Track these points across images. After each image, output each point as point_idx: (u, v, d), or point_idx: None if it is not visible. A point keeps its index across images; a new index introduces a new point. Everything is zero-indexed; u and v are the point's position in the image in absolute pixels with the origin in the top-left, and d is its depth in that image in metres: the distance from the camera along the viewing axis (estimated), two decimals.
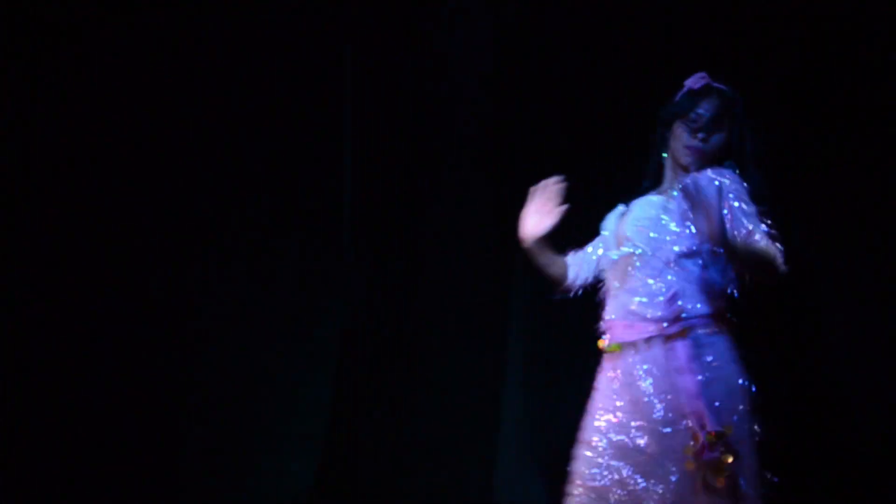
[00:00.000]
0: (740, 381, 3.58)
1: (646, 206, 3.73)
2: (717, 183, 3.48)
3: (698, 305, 3.57)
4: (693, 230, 3.55)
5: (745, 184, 3.62)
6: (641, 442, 3.58)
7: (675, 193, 3.68)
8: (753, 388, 3.62)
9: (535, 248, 3.93)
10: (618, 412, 3.64)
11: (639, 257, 3.66)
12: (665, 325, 3.58)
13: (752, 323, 4.98)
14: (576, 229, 4.38)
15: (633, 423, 3.60)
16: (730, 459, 3.46)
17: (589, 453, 3.72)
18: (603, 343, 3.77)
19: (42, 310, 5.34)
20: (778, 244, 3.54)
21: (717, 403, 3.51)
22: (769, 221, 3.62)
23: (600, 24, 5.36)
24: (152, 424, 5.47)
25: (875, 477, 4.94)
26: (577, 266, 3.96)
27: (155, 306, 5.51)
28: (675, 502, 3.51)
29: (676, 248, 3.61)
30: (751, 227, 3.53)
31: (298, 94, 5.62)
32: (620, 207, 3.86)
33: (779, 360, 5.03)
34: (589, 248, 3.96)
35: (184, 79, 5.54)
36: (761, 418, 3.64)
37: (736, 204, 3.55)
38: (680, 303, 3.57)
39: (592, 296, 5.52)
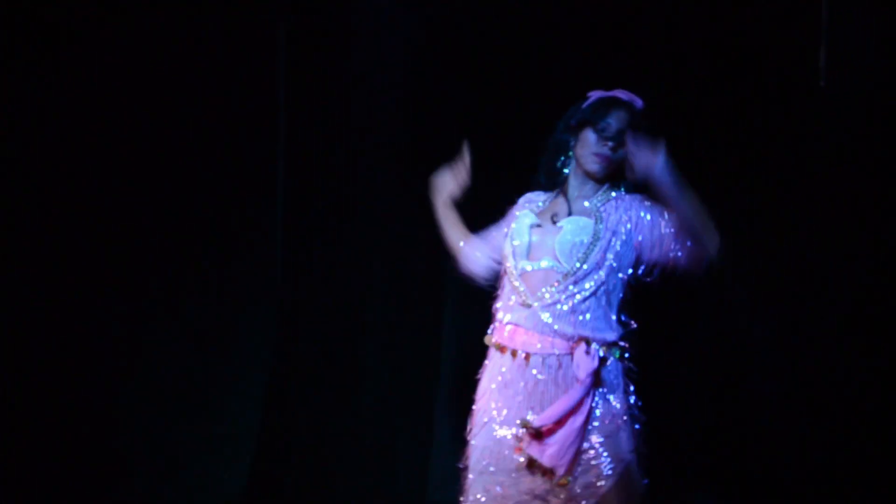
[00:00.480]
0: (622, 405, 3.68)
1: (577, 230, 3.73)
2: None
3: (609, 333, 3.67)
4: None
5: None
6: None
7: (602, 217, 3.75)
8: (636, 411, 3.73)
9: (444, 205, 4.04)
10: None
11: (563, 278, 3.68)
12: (573, 342, 3.65)
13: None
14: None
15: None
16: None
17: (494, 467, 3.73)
18: (491, 339, 3.78)
19: None
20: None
21: (595, 418, 3.63)
22: None
23: (523, 21, 5.53)
24: (85, 427, 5.33)
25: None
26: (483, 245, 3.98)
27: (85, 310, 5.37)
28: None
29: (603, 277, 3.69)
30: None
31: (227, 103, 5.56)
32: (529, 216, 3.85)
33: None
34: (493, 233, 3.98)
35: (102, 80, 5.41)
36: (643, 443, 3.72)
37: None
38: (590, 330, 3.66)
39: None
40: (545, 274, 3.69)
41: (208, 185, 5.53)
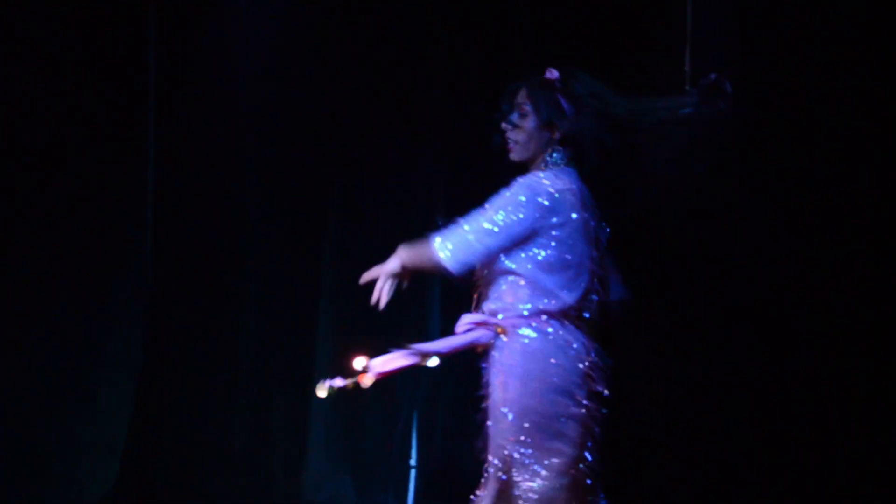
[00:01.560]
0: (552, 379, 3.47)
1: None
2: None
3: (522, 305, 3.51)
4: None
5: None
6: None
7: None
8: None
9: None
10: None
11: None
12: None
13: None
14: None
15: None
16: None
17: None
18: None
19: None
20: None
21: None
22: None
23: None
24: None
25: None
26: None
27: None
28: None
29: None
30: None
31: (97, 98, 5.49)
32: None
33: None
34: None
35: None
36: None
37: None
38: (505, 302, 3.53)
39: (395, 301, 5.61)
40: None
41: (76, 180, 5.45)
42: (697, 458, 5.32)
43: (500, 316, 3.53)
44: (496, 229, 3.46)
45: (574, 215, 3.54)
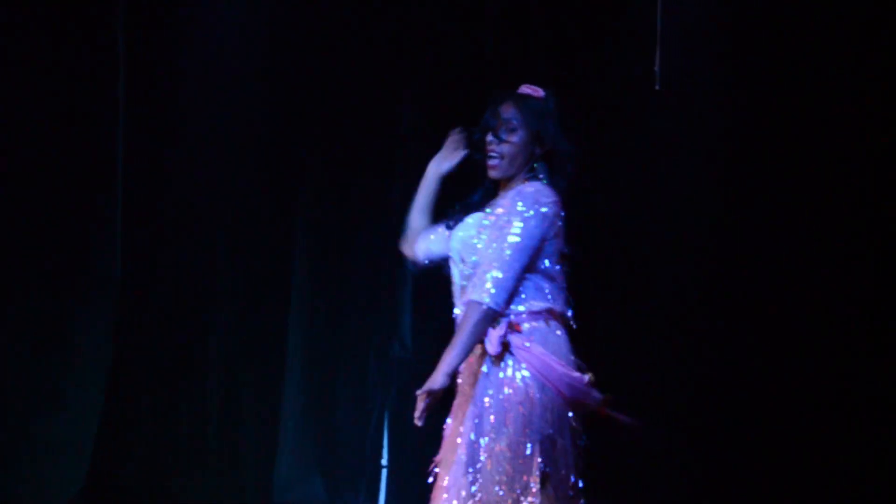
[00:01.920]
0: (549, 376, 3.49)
1: (466, 228, 3.66)
2: None
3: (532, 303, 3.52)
4: None
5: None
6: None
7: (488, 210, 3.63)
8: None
9: (429, 183, 3.82)
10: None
11: (468, 278, 3.57)
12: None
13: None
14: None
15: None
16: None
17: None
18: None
19: None
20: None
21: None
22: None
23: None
24: None
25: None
26: (432, 239, 3.80)
27: None
28: None
29: None
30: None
31: (67, 95, 5.46)
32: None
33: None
34: (445, 231, 3.76)
35: None
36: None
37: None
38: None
39: (366, 300, 5.62)
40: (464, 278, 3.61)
41: (44, 177, 5.41)
42: (697, 459, 5.36)
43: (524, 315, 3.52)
44: (513, 252, 3.46)
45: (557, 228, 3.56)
